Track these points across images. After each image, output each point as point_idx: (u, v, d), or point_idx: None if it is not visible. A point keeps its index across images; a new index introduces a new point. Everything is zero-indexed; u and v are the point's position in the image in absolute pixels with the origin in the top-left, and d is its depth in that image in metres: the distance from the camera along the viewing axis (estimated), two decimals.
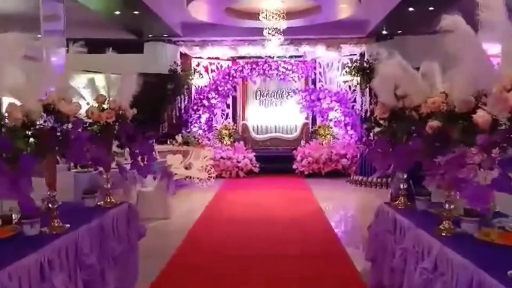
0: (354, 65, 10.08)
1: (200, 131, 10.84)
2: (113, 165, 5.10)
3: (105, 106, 3.39)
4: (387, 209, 3.24)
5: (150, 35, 9.83)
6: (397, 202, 3.24)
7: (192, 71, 10.80)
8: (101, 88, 3.68)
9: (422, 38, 8.84)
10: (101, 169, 3.14)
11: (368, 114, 9.96)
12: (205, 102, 10.97)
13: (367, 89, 9.84)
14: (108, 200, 3.36)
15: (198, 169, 8.54)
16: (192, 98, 11.00)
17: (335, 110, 10.83)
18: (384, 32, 9.47)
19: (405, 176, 3.25)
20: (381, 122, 3.28)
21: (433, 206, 3.02)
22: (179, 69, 10.00)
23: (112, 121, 3.29)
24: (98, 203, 3.29)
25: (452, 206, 2.47)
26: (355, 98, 10.92)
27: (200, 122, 10.91)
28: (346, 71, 10.38)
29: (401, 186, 3.21)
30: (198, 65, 11.22)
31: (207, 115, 11.01)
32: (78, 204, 3.29)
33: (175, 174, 8.28)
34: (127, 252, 3.28)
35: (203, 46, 10.39)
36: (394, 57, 2.89)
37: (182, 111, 10.20)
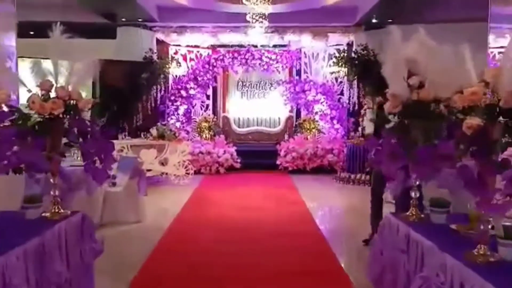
0: (342, 55, 9.55)
1: (178, 124, 10.18)
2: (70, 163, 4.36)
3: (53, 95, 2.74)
4: (395, 222, 2.70)
5: (124, 19, 9.07)
6: (408, 213, 2.72)
7: (170, 59, 10.09)
8: (49, 74, 2.98)
9: (416, 27, 8.37)
10: (40, 175, 2.48)
11: (357, 107, 9.49)
12: (183, 92, 10.30)
13: (355, 81, 9.34)
14: (56, 210, 2.74)
15: (174, 165, 7.91)
16: (169, 88, 10.31)
17: (321, 103, 10.32)
18: (374, 20, 8.96)
19: (417, 183, 2.73)
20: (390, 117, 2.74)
21: (453, 219, 2.51)
22: (155, 56, 9.28)
23: (60, 113, 2.65)
24: (43, 214, 2.67)
25: (489, 226, 1.95)
26: (342, 91, 10.43)
27: (178, 114, 10.24)
28: (333, 62, 9.85)
29: (413, 194, 2.69)
30: (176, 53, 10.51)
31: (185, 106, 10.35)
32: (17, 216, 2.65)
33: (150, 170, 7.64)
34: (78, 276, 2.67)
35: (181, 33, 9.69)
36: (416, 36, 2.32)
37: (158, 102, 9.51)
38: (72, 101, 2.74)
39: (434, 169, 1.99)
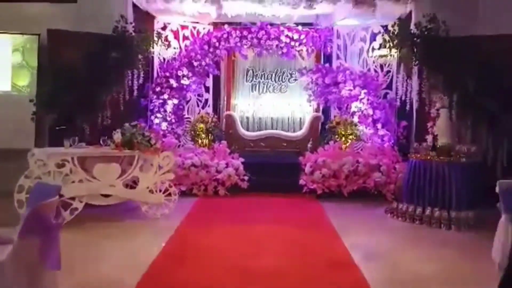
0: (394, 31, 6.70)
1: (165, 124, 7.46)
2: None
3: None
4: None
5: None
6: None
7: (155, 35, 7.36)
8: None
9: None
10: None
11: (415, 105, 6.67)
12: (172, 82, 7.57)
13: (414, 69, 6.52)
14: None
15: (148, 187, 5.17)
16: (154, 75, 7.59)
17: (360, 100, 7.52)
18: None
19: None
20: None
21: None
22: (130, 28, 6.55)
23: None
24: None
25: None
26: (389, 83, 7.64)
27: (164, 112, 7.52)
28: (382, 43, 6.94)
29: None
30: (164, 28, 7.77)
31: (175, 101, 7.62)
32: None
33: (107, 196, 4.94)
34: None
35: None
36: None
37: (135, 93, 6.76)
38: None
39: None
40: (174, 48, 7.84)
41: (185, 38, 8.01)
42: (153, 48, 7.23)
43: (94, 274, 3.52)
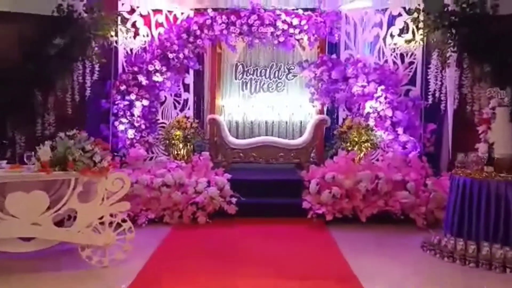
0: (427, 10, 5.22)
1: (131, 132, 5.96)
2: None
3: None
4: None
5: None
6: None
7: (119, 19, 5.83)
8: None
9: None
10: None
11: (453, 104, 5.19)
12: (141, 79, 6.06)
13: (452, 57, 5.02)
14: None
15: (89, 226, 3.64)
16: (119, 70, 6.07)
17: (376, 98, 6.05)
18: None
19: None
20: None
21: None
22: (80, 8, 5.04)
23: None
24: None
25: None
26: (411, 77, 6.15)
27: (132, 115, 6.01)
28: (414, 21, 5.39)
29: None
30: (131, 12, 6.23)
31: (145, 102, 6.11)
32: None
33: (29, 239, 3.40)
34: None
35: None
36: None
37: (88, 92, 5.23)
38: None
39: None
40: (144, 36, 6.31)
41: (158, 25, 6.47)
42: (116, 35, 5.72)
43: None
